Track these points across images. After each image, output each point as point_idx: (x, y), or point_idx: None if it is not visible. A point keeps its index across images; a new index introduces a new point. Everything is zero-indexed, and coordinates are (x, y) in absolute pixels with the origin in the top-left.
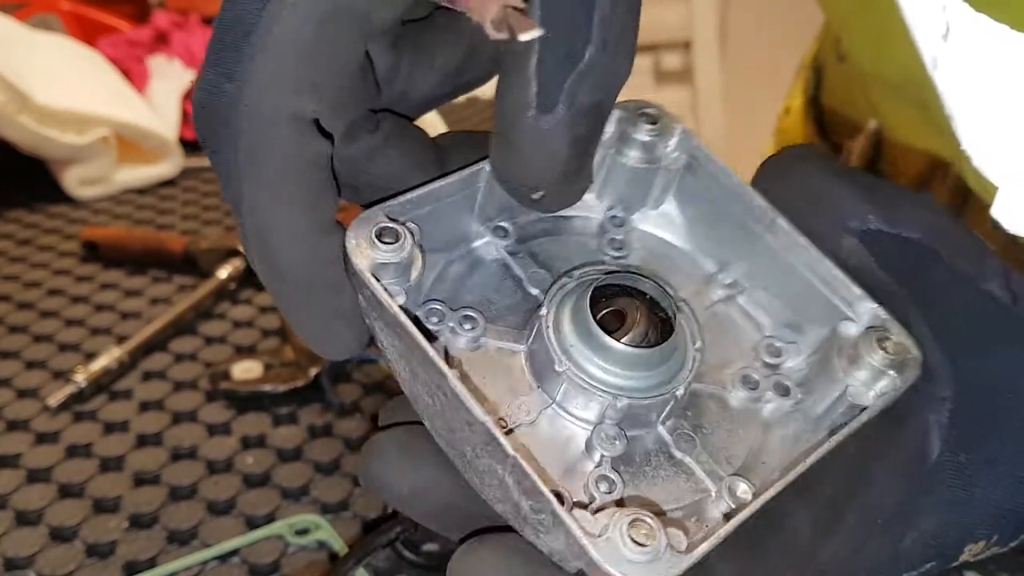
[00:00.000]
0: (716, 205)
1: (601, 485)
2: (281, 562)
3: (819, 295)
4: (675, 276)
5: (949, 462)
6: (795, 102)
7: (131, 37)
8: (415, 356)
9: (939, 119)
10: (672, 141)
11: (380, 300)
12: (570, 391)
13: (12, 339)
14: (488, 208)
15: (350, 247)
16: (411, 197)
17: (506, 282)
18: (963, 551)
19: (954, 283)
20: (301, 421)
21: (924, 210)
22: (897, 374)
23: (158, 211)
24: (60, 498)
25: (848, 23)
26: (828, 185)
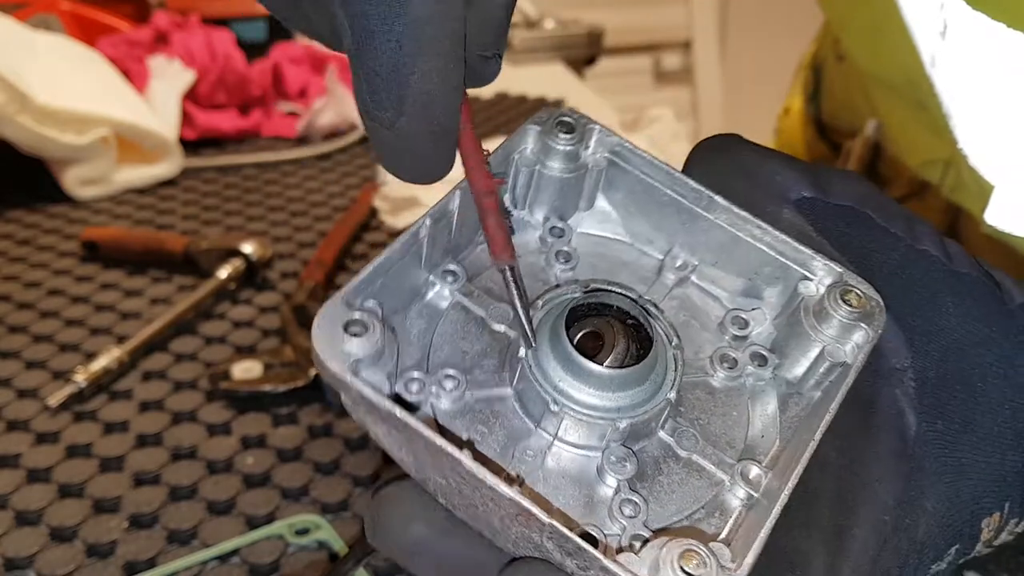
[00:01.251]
0: (648, 194)
1: (625, 509)
2: (281, 562)
3: (769, 259)
4: (626, 271)
5: (929, 432)
6: (794, 102)
7: (131, 37)
8: (419, 444)
9: (937, 118)
10: (591, 143)
11: (371, 400)
12: (570, 425)
13: (12, 339)
14: (433, 255)
15: (322, 354)
16: (363, 278)
17: (470, 326)
18: (981, 527)
19: (890, 245)
20: (301, 421)
21: (853, 180)
22: (867, 325)
23: (158, 211)
24: (60, 498)
25: (847, 22)
26: (760, 161)
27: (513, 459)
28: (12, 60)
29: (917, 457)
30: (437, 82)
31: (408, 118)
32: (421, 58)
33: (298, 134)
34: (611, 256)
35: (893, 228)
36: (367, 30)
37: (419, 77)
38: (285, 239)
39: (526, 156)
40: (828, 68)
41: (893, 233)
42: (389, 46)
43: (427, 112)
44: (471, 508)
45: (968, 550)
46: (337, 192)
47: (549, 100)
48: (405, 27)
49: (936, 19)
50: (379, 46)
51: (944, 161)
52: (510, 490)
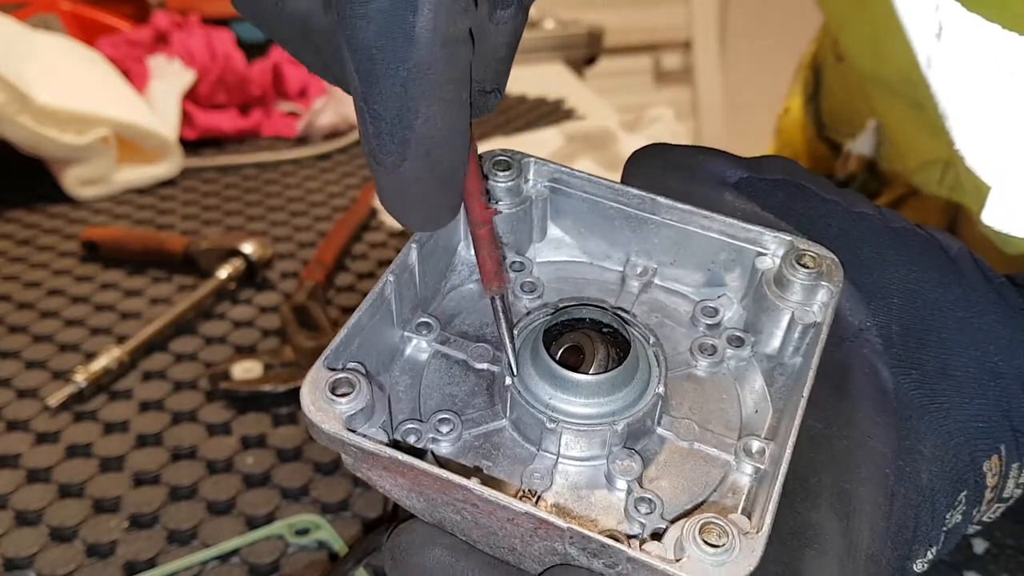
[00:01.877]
0: (594, 211)
1: (640, 507)
2: (281, 562)
3: (723, 244)
4: (590, 289)
5: (906, 383)
6: (794, 102)
7: (131, 37)
8: (427, 484)
9: (934, 119)
10: (530, 175)
11: (370, 451)
12: (570, 440)
13: (12, 339)
14: (403, 311)
15: (314, 417)
16: (339, 341)
17: (454, 370)
18: (984, 471)
19: (829, 211)
20: (301, 421)
21: (780, 159)
22: (828, 283)
23: (158, 211)
24: (60, 498)
25: (845, 23)
26: (691, 154)
27: (522, 484)
28: (12, 60)
29: (901, 409)
30: (441, 127)
31: (412, 162)
32: (425, 102)
33: (298, 134)
34: (574, 278)
35: (828, 195)
36: (372, 74)
37: (423, 122)
38: (285, 239)
39: None
40: (828, 68)
41: (830, 199)
42: (394, 90)
43: (431, 157)
44: (491, 536)
45: (978, 498)
46: (337, 192)
47: (549, 100)
48: (409, 71)
49: (931, 21)
50: (384, 90)
51: (942, 161)
52: (524, 505)
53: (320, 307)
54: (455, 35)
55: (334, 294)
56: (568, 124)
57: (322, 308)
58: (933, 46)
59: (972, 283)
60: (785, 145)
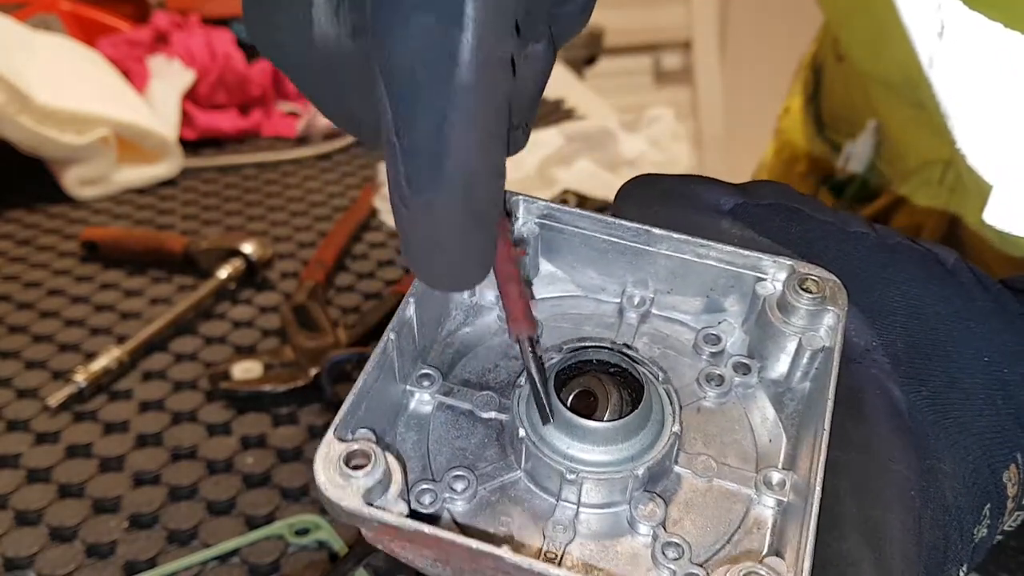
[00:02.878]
0: (587, 245)
1: (668, 552)
2: (281, 562)
3: (721, 271)
4: (589, 323)
5: (917, 400)
6: (794, 102)
7: (131, 37)
8: (455, 554)
9: (935, 118)
10: (519, 213)
11: (395, 525)
12: (590, 488)
13: (12, 339)
14: (404, 367)
15: (332, 495)
16: (348, 408)
17: (460, 422)
18: (1004, 482)
19: (826, 233)
20: (301, 421)
21: (772, 184)
22: (833, 306)
23: (158, 211)
24: (60, 498)
25: (846, 22)
26: (684, 183)
27: (545, 539)
28: (12, 60)
29: (916, 426)
30: (481, 160)
31: (447, 196)
32: (465, 131)
33: (298, 134)
34: (570, 314)
35: (823, 216)
36: (410, 97)
37: (463, 153)
38: (285, 239)
39: None
40: (828, 68)
41: (825, 221)
42: (433, 116)
43: (468, 193)
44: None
45: (1001, 508)
46: (337, 192)
47: (549, 100)
48: (449, 97)
49: (933, 19)
50: (420, 118)
51: (943, 161)
52: (561, 571)
53: (320, 307)
54: (499, 58)
55: (334, 294)
56: (568, 124)
57: (322, 308)
58: (935, 45)
59: (971, 293)
60: (785, 145)
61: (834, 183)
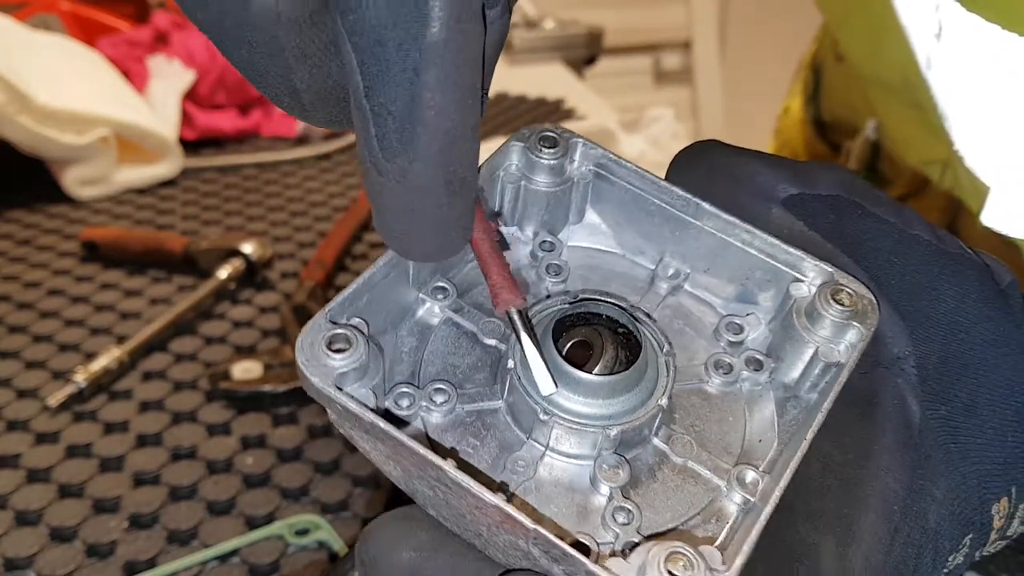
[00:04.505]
0: (636, 204)
1: (619, 516)
2: (281, 562)
3: (761, 262)
4: (618, 282)
5: (933, 419)
6: (794, 102)
7: (131, 37)
8: (404, 456)
9: (933, 120)
10: (576, 156)
11: (354, 412)
12: (561, 435)
13: (12, 339)
14: (422, 273)
15: (306, 370)
16: (347, 294)
17: (461, 341)
18: (992, 513)
19: (882, 232)
20: (301, 421)
21: (835, 170)
22: (860, 324)
23: (158, 211)
24: (60, 498)
25: (845, 23)
26: (742, 163)
27: (505, 470)
28: (12, 60)
29: (923, 446)
30: (457, 119)
31: (423, 164)
32: (439, 90)
33: (298, 134)
34: (603, 268)
35: (882, 214)
36: (380, 59)
37: (436, 113)
38: (285, 239)
39: (511, 172)
40: (828, 68)
41: (884, 219)
42: (404, 76)
43: (445, 156)
44: (460, 519)
45: (983, 540)
46: (337, 192)
47: (549, 100)
48: (423, 52)
49: (931, 21)
50: (392, 77)
51: (942, 161)
52: (494, 497)
53: (320, 307)
54: (471, 12)
55: (334, 294)
56: (568, 124)
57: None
58: (932, 47)
59: (1017, 320)
60: (785, 145)
61: None
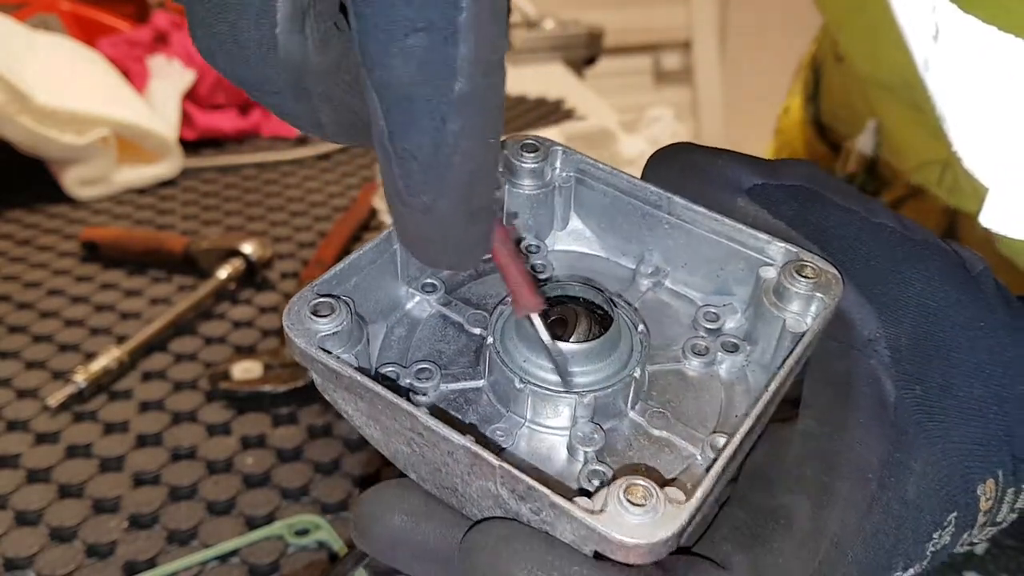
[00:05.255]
0: (614, 206)
1: (593, 480)
2: (281, 562)
3: (733, 252)
4: (599, 280)
5: (908, 398)
6: (794, 102)
7: (131, 37)
8: (380, 409)
9: (932, 121)
10: (557, 162)
11: (333, 368)
12: (537, 404)
13: (12, 339)
14: (410, 268)
15: (290, 331)
16: (334, 272)
17: (448, 330)
18: (978, 495)
19: (845, 220)
20: (301, 421)
21: (800, 163)
22: (823, 295)
23: (158, 211)
24: (60, 498)
25: (844, 24)
26: (710, 158)
27: (484, 439)
28: (12, 60)
29: (898, 423)
30: (480, 161)
31: (448, 201)
32: (465, 138)
33: (298, 134)
34: (586, 269)
35: (846, 203)
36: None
37: (462, 158)
38: (285, 239)
39: None
40: (827, 68)
41: (847, 208)
42: (432, 126)
43: (468, 194)
44: (436, 474)
45: (969, 521)
46: (337, 192)
47: (549, 100)
48: (450, 105)
49: (928, 22)
50: (420, 129)
51: (941, 162)
52: (462, 438)
53: None
54: (495, 61)
55: None
56: (568, 124)
57: None
58: (930, 48)
59: (989, 304)
60: (785, 145)
61: None
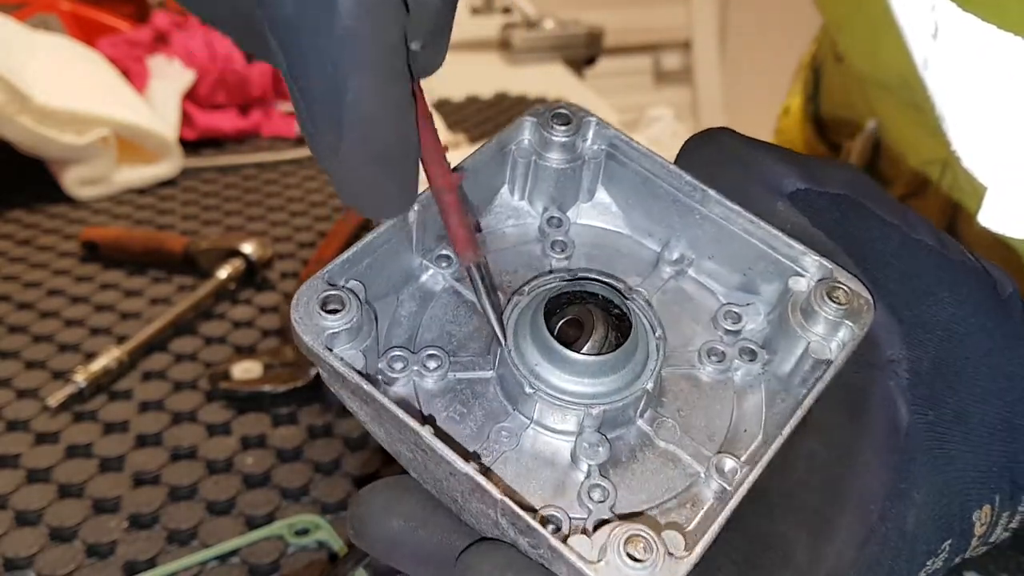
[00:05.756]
0: (646, 186)
1: (594, 494)
2: (281, 562)
3: (764, 253)
4: (622, 262)
5: (920, 423)
6: (794, 102)
7: (131, 37)
8: (386, 418)
9: (931, 120)
10: (589, 135)
11: (339, 372)
12: (545, 409)
13: (12, 339)
14: (426, 240)
15: (298, 328)
16: (347, 256)
17: (460, 310)
18: (973, 520)
19: (885, 234)
20: (301, 421)
21: (845, 169)
22: (853, 323)
23: (158, 211)
24: (60, 498)
25: (843, 24)
26: (752, 153)
27: (488, 439)
28: (12, 60)
29: (908, 449)
30: (375, 102)
31: (349, 143)
32: (355, 76)
33: (298, 134)
34: (608, 247)
35: (888, 217)
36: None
37: (354, 98)
38: (285, 239)
39: (523, 147)
40: (827, 68)
41: (888, 222)
42: (321, 65)
43: (368, 136)
44: (438, 483)
45: (963, 547)
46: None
47: (549, 100)
48: (333, 43)
49: (928, 21)
50: (310, 66)
51: (940, 162)
52: (465, 465)
53: None
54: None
55: None
56: None
57: None
58: (929, 47)
59: (1016, 329)
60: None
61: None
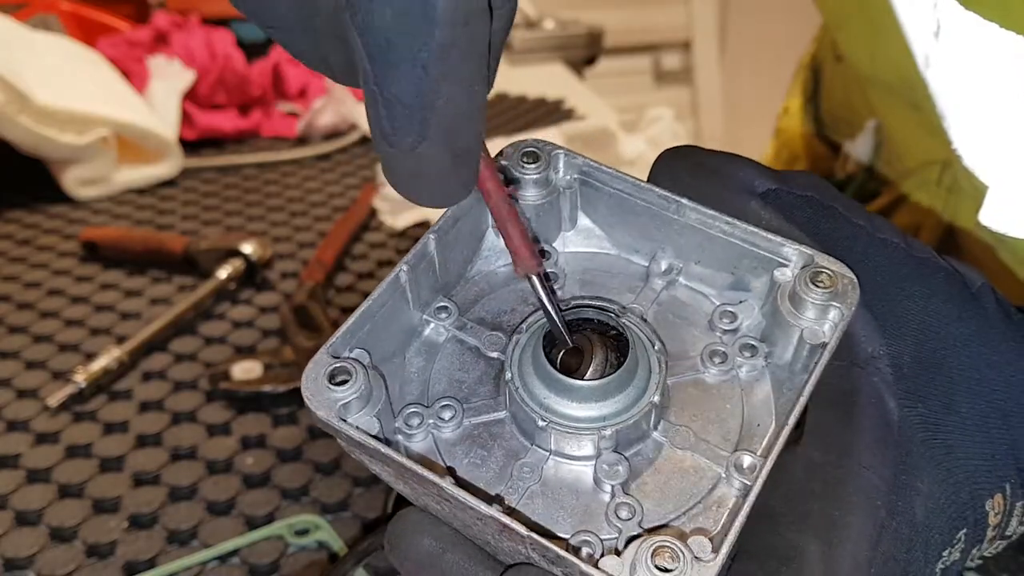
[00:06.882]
0: (623, 206)
1: (621, 512)
2: (281, 562)
3: (746, 251)
4: (614, 282)
5: (911, 417)
6: (794, 102)
7: (131, 37)
8: (408, 476)
9: (932, 119)
10: (559, 166)
11: (356, 440)
12: (560, 439)
13: (12, 339)
14: (422, 295)
15: (312, 403)
16: (348, 327)
17: (466, 356)
18: (987, 510)
19: (853, 234)
20: (301, 421)
21: (809, 176)
22: (840, 303)
23: (158, 211)
24: (60, 498)
25: (843, 23)
26: (721, 161)
27: (512, 477)
28: (12, 60)
29: (903, 442)
30: (463, 105)
31: (431, 143)
32: (447, 83)
33: (298, 134)
34: (598, 269)
35: (855, 218)
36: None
37: (445, 103)
38: (285, 239)
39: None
40: (827, 68)
41: (855, 223)
42: (414, 73)
43: (452, 136)
44: (468, 528)
45: (979, 537)
46: (337, 192)
47: (549, 100)
48: (431, 53)
49: (929, 19)
50: (402, 74)
51: (941, 161)
52: (489, 508)
53: (320, 307)
54: (476, 9)
55: (334, 294)
56: (568, 124)
57: (322, 308)
58: (931, 45)
59: (991, 320)
60: (785, 145)
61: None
